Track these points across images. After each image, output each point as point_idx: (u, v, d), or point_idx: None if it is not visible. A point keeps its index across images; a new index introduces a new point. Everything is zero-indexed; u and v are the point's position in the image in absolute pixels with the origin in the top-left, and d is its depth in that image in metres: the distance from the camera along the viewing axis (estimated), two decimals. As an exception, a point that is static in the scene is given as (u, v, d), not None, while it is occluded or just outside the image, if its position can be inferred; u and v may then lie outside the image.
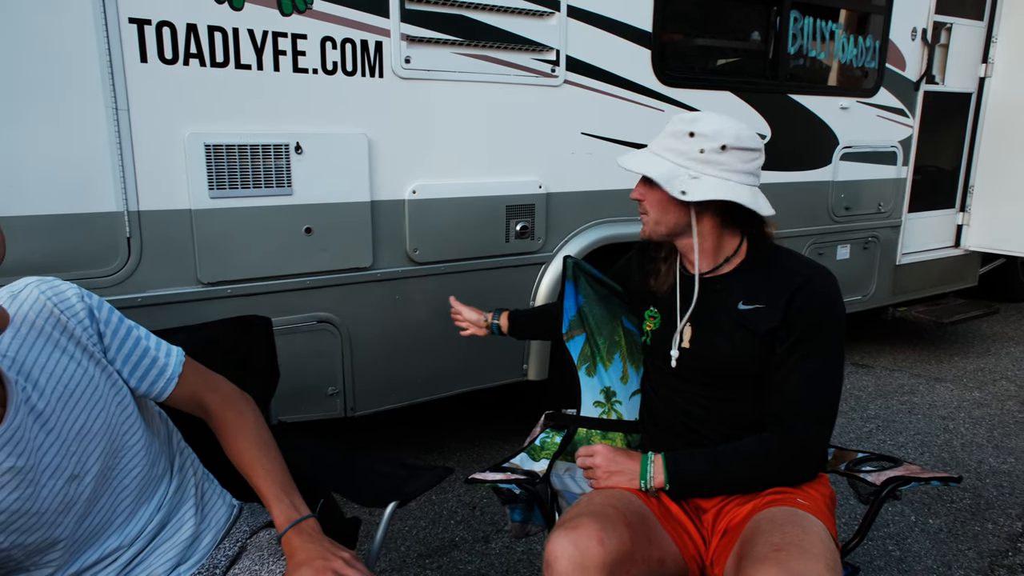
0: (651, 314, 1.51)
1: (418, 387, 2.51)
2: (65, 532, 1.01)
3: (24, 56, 1.72)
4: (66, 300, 1.03)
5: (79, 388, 1.02)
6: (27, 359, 0.98)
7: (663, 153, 1.35)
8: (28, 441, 0.95)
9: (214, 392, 1.17)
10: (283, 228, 2.12)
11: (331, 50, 2.12)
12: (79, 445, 1.01)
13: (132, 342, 1.10)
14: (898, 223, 3.87)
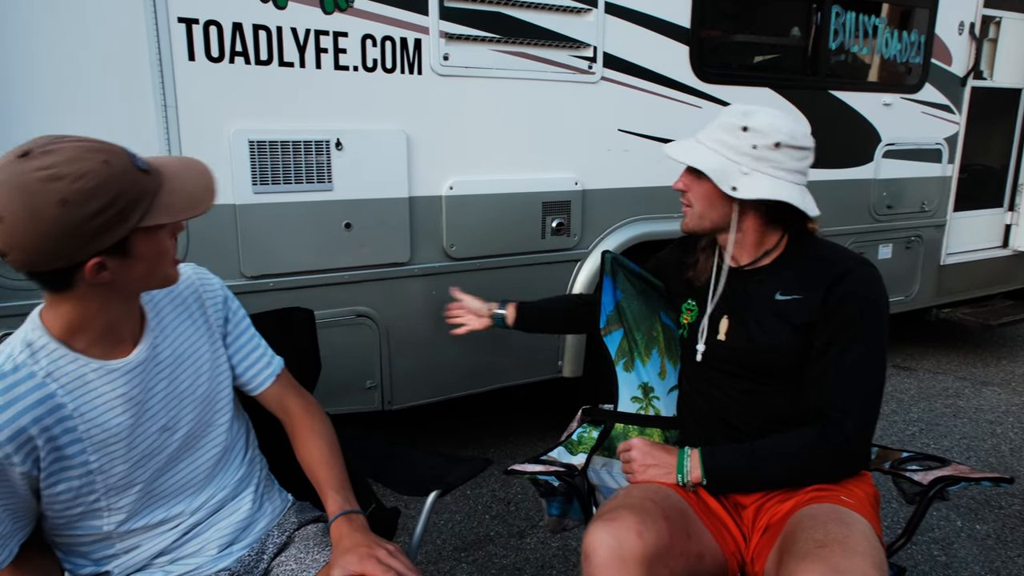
0: (688, 307, 1.50)
1: (454, 382, 2.52)
2: (144, 476, 1.10)
3: (78, 55, 1.78)
4: (211, 284, 1.24)
5: (194, 355, 1.18)
6: (166, 316, 1.16)
7: (713, 145, 1.32)
8: (145, 379, 1.10)
9: (300, 397, 1.30)
10: (323, 223, 2.15)
11: (371, 48, 2.15)
12: (179, 402, 1.14)
13: (248, 336, 1.27)
14: (943, 222, 3.77)
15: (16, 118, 1.74)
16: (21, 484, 0.99)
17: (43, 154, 0.89)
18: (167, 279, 1.06)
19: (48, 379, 0.99)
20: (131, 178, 0.94)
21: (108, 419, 1.05)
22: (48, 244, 0.88)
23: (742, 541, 1.35)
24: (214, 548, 1.18)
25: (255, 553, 1.21)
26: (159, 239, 1.00)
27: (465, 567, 2.18)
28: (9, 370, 0.97)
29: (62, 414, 1.00)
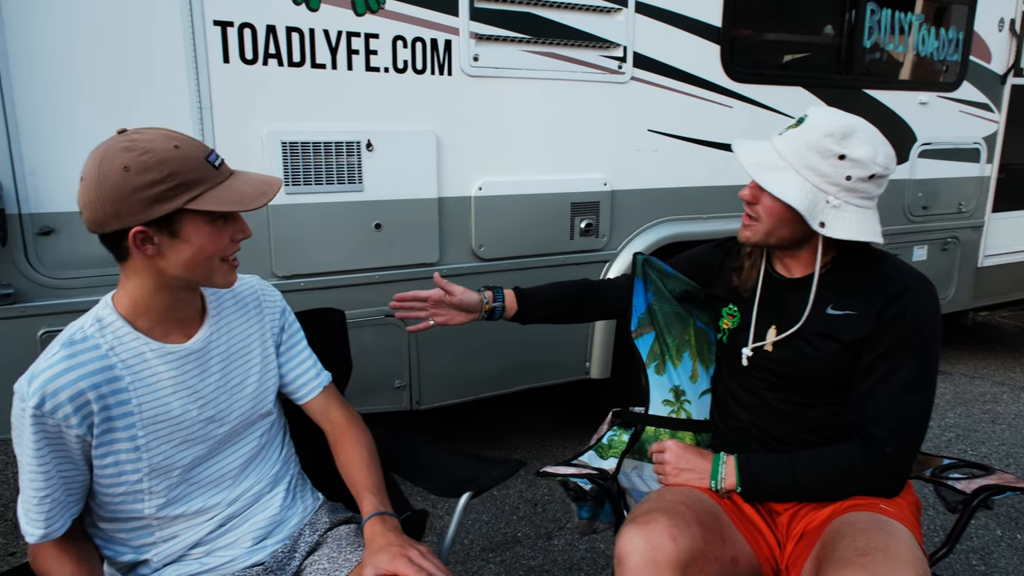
0: (730, 311, 1.46)
1: (481, 383, 2.52)
2: (184, 461, 1.16)
3: (119, 58, 1.81)
4: (272, 294, 1.34)
5: (247, 355, 1.26)
6: (227, 314, 1.25)
7: (801, 168, 1.22)
8: (199, 367, 1.18)
9: (344, 409, 1.36)
10: (354, 223, 2.17)
11: (402, 49, 2.15)
12: (227, 396, 1.21)
13: (300, 348, 1.35)
14: (980, 223, 3.68)
15: (61, 117, 1.77)
16: (76, 450, 1.06)
17: (134, 132, 1.06)
18: (212, 274, 1.11)
19: (111, 353, 1.09)
20: (192, 165, 1.04)
21: (159, 398, 1.13)
22: (107, 205, 1.01)
23: (776, 547, 1.33)
24: (248, 540, 1.21)
25: (287, 550, 1.22)
26: (207, 230, 1.07)
27: (493, 568, 2.18)
28: (79, 339, 1.09)
29: (118, 386, 1.09)
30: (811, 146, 1.20)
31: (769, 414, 1.38)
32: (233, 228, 1.12)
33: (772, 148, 1.25)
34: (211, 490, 1.20)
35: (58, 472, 1.05)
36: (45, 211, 1.79)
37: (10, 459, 2.90)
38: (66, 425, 1.03)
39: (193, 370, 1.16)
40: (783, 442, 1.36)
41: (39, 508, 1.05)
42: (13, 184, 1.74)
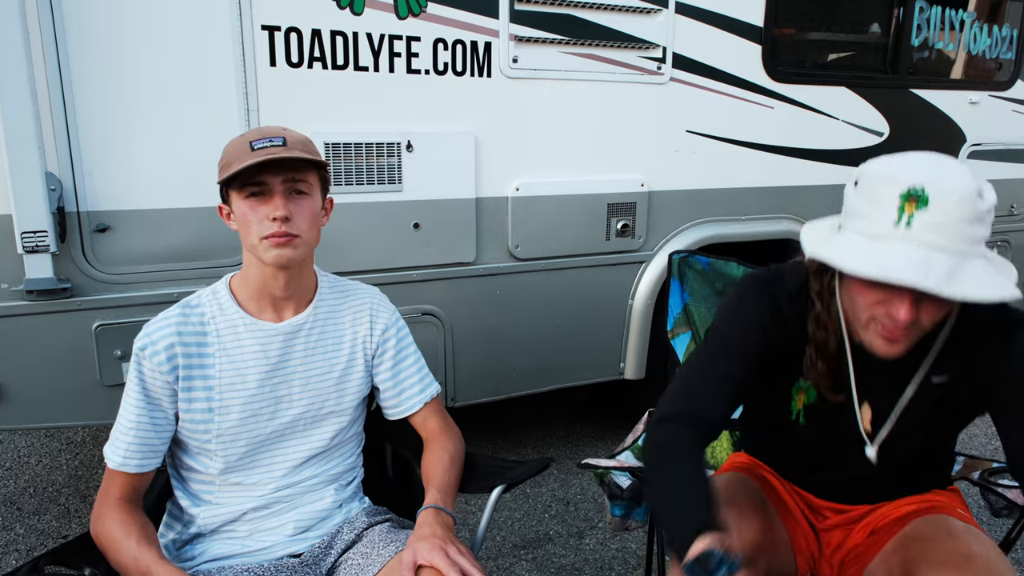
0: (802, 387, 1.23)
1: (515, 381, 2.55)
2: (249, 435, 1.25)
3: (172, 60, 1.88)
4: (384, 311, 1.40)
5: (334, 353, 1.33)
6: (331, 309, 1.34)
7: (974, 249, 0.96)
8: (284, 347, 1.27)
9: (442, 422, 1.41)
10: (393, 223, 2.21)
11: (442, 51, 2.19)
12: (301, 382, 1.29)
13: (407, 364, 1.40)
14: (1033, 226, 3.56)
15: (117, 120, 1.85)
16: (166, 397, 1.21)
17: None
18: (255, 248, 1.20)
19: (211, 320, 1.25)
20: (236, 149, 1.19)
21: (240, 367, 1.24)
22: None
23: (815, 542, 1.31)
24: (291, 528, 1.26)
25: (324, 546, 1.27)
26: (242, 206, 1.19)
27: (525, 564, 2.20)
28: (194, 303, 1.26)
29: (206, 351, 1.23)
30: (968, 217, 0.94)
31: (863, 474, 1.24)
32: (267, 205, 1.18)
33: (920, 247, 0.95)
34: (270, 470, 1.28)
35: (149, 413, 1.20)
36: (102, 209, 1.87)
37: (63, 446, 3.03)
38: (159, 371, 1.19)
39: (277, 349, 1.26)
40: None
41: (124, 438, 1.19)
42: (73, 184, 1.83)
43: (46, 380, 1.91)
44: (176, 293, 1.97)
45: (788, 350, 1.18)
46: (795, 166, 2.81)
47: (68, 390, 1.93)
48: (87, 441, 3.08)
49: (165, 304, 1.95)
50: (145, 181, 1.91)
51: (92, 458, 2.92)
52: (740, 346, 1.17)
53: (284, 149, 1.18)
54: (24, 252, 1.75)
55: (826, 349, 1.15)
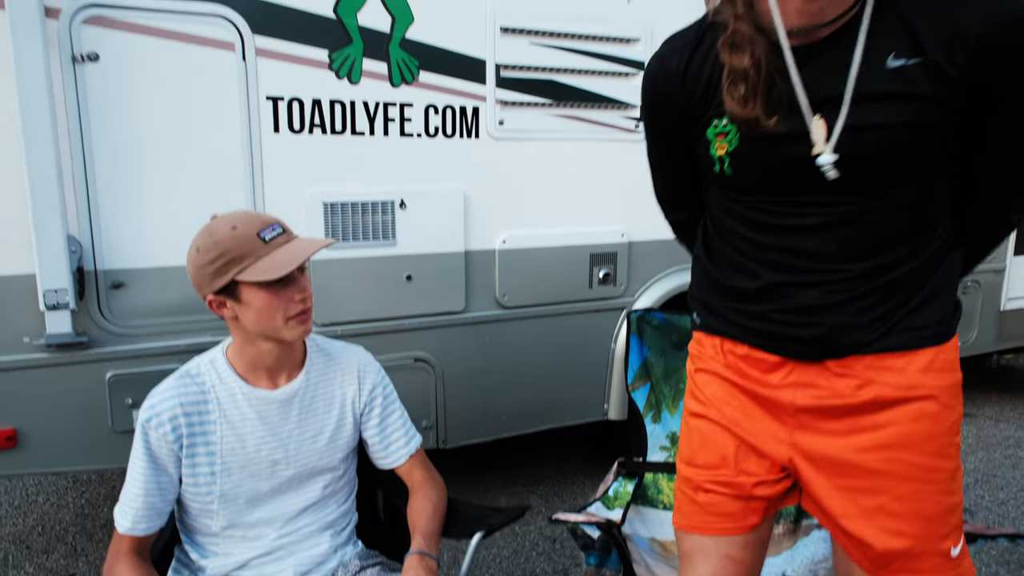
0: (720, 129, 1.08)
1: (504, 423, 2.68)
2: (249, 494, 1.36)
3: (180, 130, 2.04)
4: (371, 371, 1.50)
5: (326, 414, 1.43)
6: (321, 372, 1.44)
7: None
8: (281, 413, 1.38)
9: (427, 472, 1.52)
10: (387, 275, 2.36)
11: (433, 115, 2.36)
12: (296, 444, 1.40)
13: (392, 419, 1.50)
14: (1002, 267, 3.72)
15: (132, 184, 2.01)
16: (170, 463, 1.31)
17: (217, 218, 1.31)
18: (279, 331, 1.30)
19: (211, 389, 1.34)
20: (243, 242, 1.25)
21: (239, 433, 1.35)
22: (193, 277, 1.29)
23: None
24: (291, 573, 1.38)
25: None
26: (262, 295, 1.26)
27: (511, 600, 2.31)
28: (193, 372, 1.36)
29: (207, 418, 1.33)
30: None
31: (825, 250, 1.07)
32: (292, 290, 1.29)
33: None
34: (269, 523, 1.39)
35: (155, 479, 1.30)
36: (117, 267, 2.02)
37: (69, 484, 3.14)
38: (164, 440, 1.29)
39: (273, 415, 1.37)
40: (828, 275, 1.07)
41: (133, 504, 1.29)
42: (91, 244, 1.98)
43: (60, 427, 2.04)
44: (183, 344, 2.11)
45: (693, 103, 1.10)
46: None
47: (80, 436, 2.06)
48: (93, 480, 3.18)
49: (173, 354, 2.10)
50: (157, 240, 2.06)
51: (98, 496, 3.03)
52: (659, 130, 1.23)
53: (289, 236, 1.32)
54: (46, 309, 1.90)
55: (745, 72, 1.00)
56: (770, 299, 1.13)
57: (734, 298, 1.19)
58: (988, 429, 3.74)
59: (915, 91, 0.96)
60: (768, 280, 1.12)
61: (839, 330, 1.08)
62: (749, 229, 1.13)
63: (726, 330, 1.21)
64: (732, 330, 1.20)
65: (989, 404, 4.10)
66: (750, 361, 1.18)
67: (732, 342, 1.20)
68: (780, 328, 1.13)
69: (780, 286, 1.11)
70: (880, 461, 1.09)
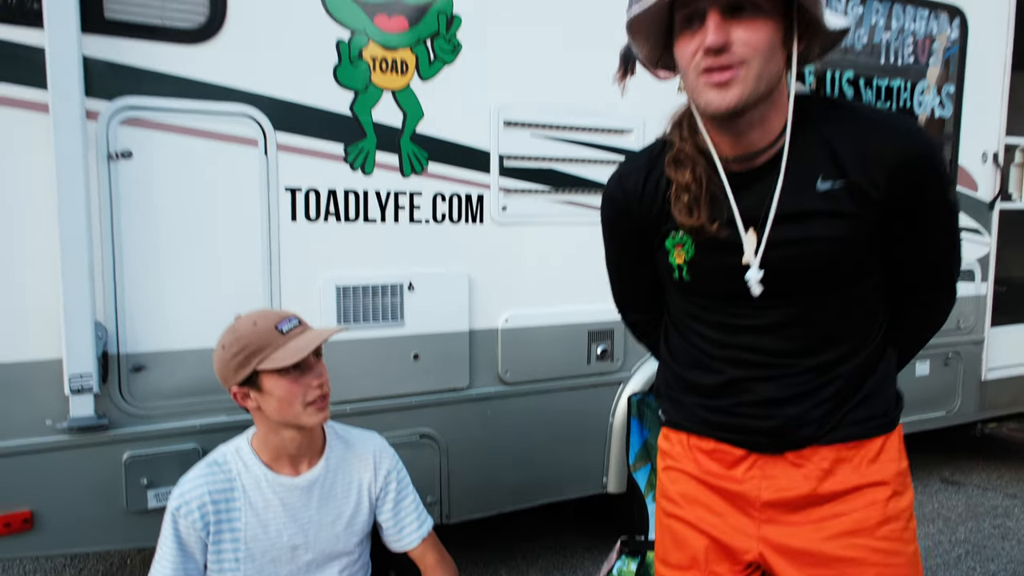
0: (677, 240, 1.20)
1: (506, 497, 2.73)
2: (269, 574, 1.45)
3: (204, 220, 2.16)
4: (386, 457, 1.61)
5: (344, 499, 1.52)
6: (339, 459, 1.54)
7: None
8: (303, 499, 1.47)
9: (437, 554, 1.61)
10: (395, 355, 2.45)
11: (441, 203, 2.50)
12: (316, 529, 1.49)
13: (407, 503, 1.60)
14: (980, 339, 3.86)
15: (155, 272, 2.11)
16: (197, 549, 1.40)
17: (240, 317, 1.46)
18: (299, 416, 1.40)
19: (236, 476, 1.45)
20: (263, 336, 1.38)
21: (263, 518, 1.43)
22: (219, 372, 1.42)
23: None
24: None
25: None
26: (283, 382, 1.38)
27: None
28: (221, 461, 1.47)
29: (233, 505, 1.44)
30: None
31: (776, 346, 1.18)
32: (309, 376, 1.41)
33: None
34: None
35: (183, 565, 1.38)
36: (139, 351, 2.10)
37: (68, 562, 3.12)
38: (193, 527, 1.38)
39: (295, 501, 1.46)
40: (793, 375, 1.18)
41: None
42: (115, 329, 2.07)
43: (75, 508, 2.08)
44: (198, 424, 2.18)
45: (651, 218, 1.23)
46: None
47: (95, 517, 2.10)
48: (89, 557, 3.17)
49: (188, 434, 2.17)
50: (176, 324, 2.15)
51: (95, 573, 3.01)
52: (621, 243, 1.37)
53: (305, 328, 1.44)
54: (71, 393, 1.97)
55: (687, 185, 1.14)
56: (732, 393, 1.23)
57: (699, 393, 1.28)
58: (976, 498, 3.81)
59: (841, 209, 1.10)
60: (730, 376, 1.22)
61: (796, 422, 1.19)
62: (709, 329, 1.24)
63: (692, 426, 1.30)
64: (698, 426, 1.28)
65: (976, 472, 4.18)
66: (716, 455, 1.26)
67: (698, 437, 1.29)
68: (743, 421, 1.22)
69: (741, 381, 1.21)
70: (845, 548, 1.17)
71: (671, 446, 1.34)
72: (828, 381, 1.18)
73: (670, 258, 1.22)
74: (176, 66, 2.07)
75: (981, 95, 3.66)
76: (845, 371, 1.19)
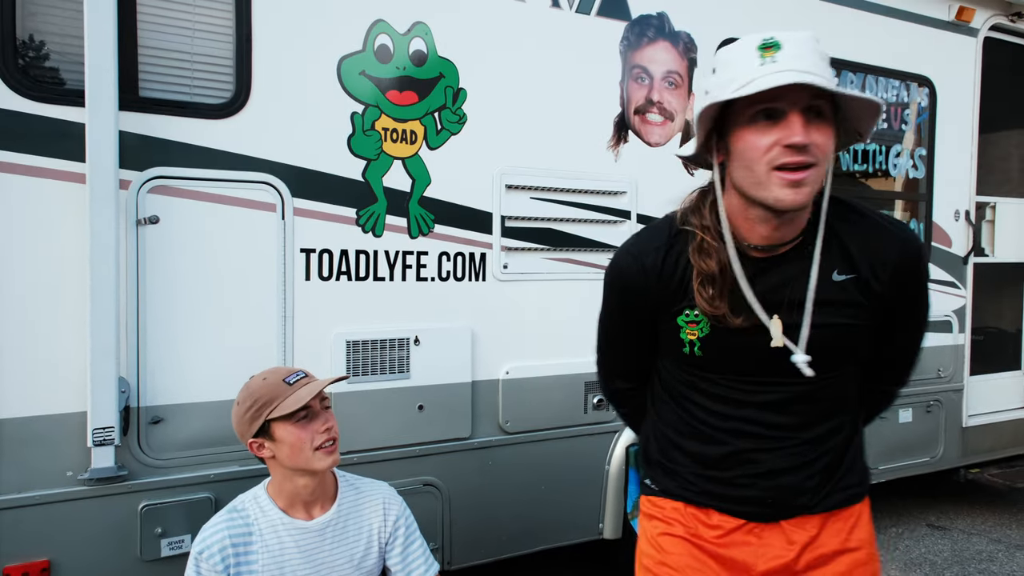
0: (691, 319, 1.26)
1: (506, 543, 2.81)
2: None
3: (222, 281, 2.29)
4: (394, 504, 1.75)
5: (354, 542, 1.65)
6: (351, 505, 1.67)
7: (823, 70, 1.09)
8: (316, 542, 1.60)
9: None
10: (401, 406, 2.56)
11: (445, 262, 2.64)
12: (327, 570, 1.63)
13: (413, 548, 1.72)
14: (960, 387, 4.01)
15: (173, 330, 2.22)
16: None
17: (254, 376, 1.61)
18: (310, 461, 1.54)
19: (253, 521, 1.56)
20: (272, 388, 1.54)
21: (279, 560, 1.55)
22: (236, 427, 1.60)
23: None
24: None
25: None
26: (292, 429, 1.53)
27: None
28: (240, 508, 1.62)
29: (251, 548, 1.54)
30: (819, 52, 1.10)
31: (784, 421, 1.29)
32: (317, 423, 1.55)
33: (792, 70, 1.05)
34: None
35: None
36: (157, 404, 2.20)
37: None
38: (214, 570, 1.50)
39: (309, 544, 1.59)
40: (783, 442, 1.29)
41: None
42: (136, 383, 2.17)
43: (91, 557, 2.15)
44: (212, 474, 2.26)
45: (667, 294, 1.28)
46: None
47: (110, 566, 2.17)
48: (91, 604, 3.19)
49: (203, 484, 2.26)
50: (194, 378, 2.25)
51: (98, 622, 3.04)
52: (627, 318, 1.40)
53: (311, 379, 1.58)
54: (94, 445, 2.06)
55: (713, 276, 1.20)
56: (736, 464, 1.32)
57: (700, 463, 1.34)
58: (961, 543, 3.90)
59: (854, 299, 1.26)
60: (734, 447, 1.31)
61: (795, 491, 1.31)
62: (712, 401, 1.32)
63: (692, 496, 1.35)
64: (698, 495, 1.34)
65: (961, 518, 4.28)
66: (712, 525, 1.34)
67: (696, 507, 1.34)
68: (744, 492, 1.31)
69: (745, 452, 1.31)
70: None
71: (664, 512, 1.39)
72: (823, 453, 1.30)
73: (682, 334, 1.28)
74: (202, 138, 2.22)
75: (951, 157, 3.89)
76: (835, 443, 1.32)
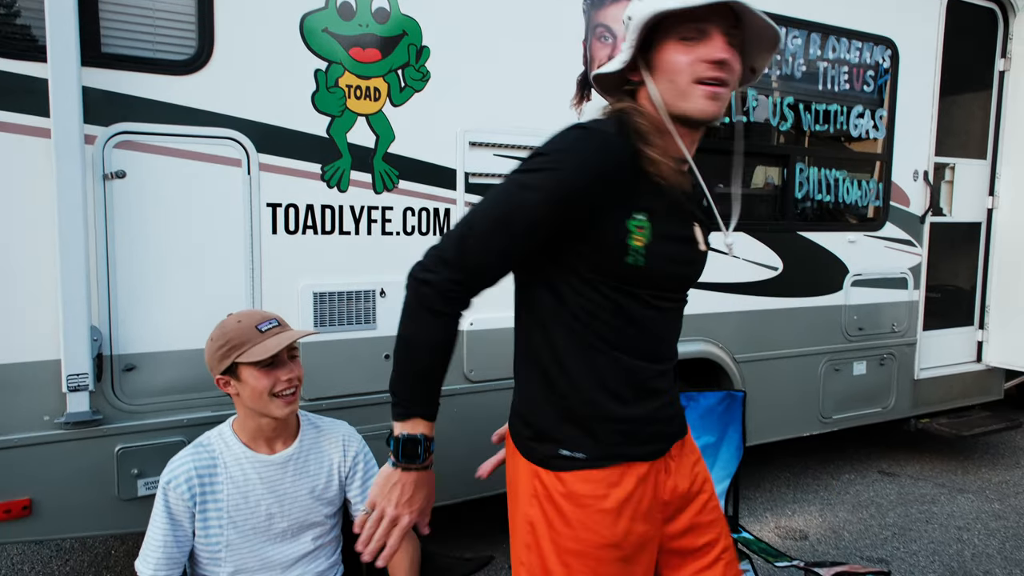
0: (639, 223, 1.18)
1: (471, 485, 2.94)
2: (250, 543, 1.67)
3: (191, 234, 2.36)
4: (354, 442, 1.85)
5: (315, 475, 1.75)
6: (312, 442, 1.78)
7: None
8: (278, 474, 1.70)
9: None
10: (368, 355, 2.67)
11: (410, 216, 2.72)
12: (289, 501, 1.72)
13: (371, 482, 1.74)
14: (913, 341, 4.19)
15: (144, 281, 2.30)
16: (186, 519, 1.63)
17: (231, 315, 1.74)
18: (268, 405, 1.64)
19: (219, 455, 1.69)
20: (244, 332, 1.64)
21: (243, 491, 1.66)
22: (207, 361, 1.69)
23: None
24: None
25: None
26: (257, 374, 1.62)
27: (476, 652, 2.55)
28: (205, 443, 1.71)
29: (216, 479, 1.67)
30: None
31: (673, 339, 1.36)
32: (281, 371, 1.65)
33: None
34: (270, 570, 1.69)
35: (173, 532, 1.60)
36: (130, 352, 2.30)
37: (53, 553, 3.28)
38: (181, 499, 1.60)
39: (271, 476, 1.69)
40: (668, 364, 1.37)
41: (153, 555, 1.61)
42: (108, 332, 2.26)
43: (71, 496, 2.27)
44: (185, 419, 2.37)
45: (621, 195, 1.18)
46: (709, 297, 3.39)
47: (89, 504, 2.28)
48: (75, 548, 3.33)
49: (176, 428, 2.37)
50: (165, 327, 2.34)
51: (82, 564, 3.18)
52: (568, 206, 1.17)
53: (283, 328, 1.67)
54: (68, 391, 2.16)
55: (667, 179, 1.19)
56: (651, 397, 1.29)
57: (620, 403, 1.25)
58: (908, 487, 4.13)
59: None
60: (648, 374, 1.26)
61: (680, 417, 1.41)
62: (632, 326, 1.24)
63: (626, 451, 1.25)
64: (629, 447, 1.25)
65: (910, 464, 4.51)
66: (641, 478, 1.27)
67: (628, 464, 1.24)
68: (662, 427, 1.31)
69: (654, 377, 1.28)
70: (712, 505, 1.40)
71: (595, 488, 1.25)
72: (675, 376, 1.38)
73: (629, 239, 1.16)
74: (167, 94, 2.26)
75: (912, 118, 3.99)
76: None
